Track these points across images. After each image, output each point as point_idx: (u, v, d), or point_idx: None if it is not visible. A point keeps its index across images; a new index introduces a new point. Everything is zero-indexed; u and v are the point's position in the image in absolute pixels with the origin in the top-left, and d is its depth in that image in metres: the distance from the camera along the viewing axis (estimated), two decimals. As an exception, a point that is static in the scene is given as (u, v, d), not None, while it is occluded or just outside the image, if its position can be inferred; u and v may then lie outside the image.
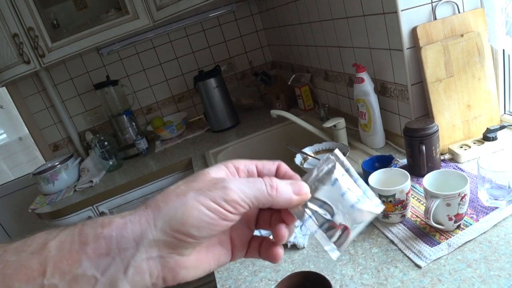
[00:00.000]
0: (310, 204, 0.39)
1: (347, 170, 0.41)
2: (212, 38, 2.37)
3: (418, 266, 0.74)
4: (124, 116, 2.12)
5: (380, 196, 0.85)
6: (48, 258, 0.29)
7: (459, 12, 1.04)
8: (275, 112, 1.45)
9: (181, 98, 2.43)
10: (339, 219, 0.39)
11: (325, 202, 0.40)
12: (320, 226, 0.39)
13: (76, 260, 0.29)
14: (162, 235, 0.31)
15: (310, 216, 0.39)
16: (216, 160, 1.66)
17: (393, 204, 0.84)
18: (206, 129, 2.20)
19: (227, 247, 0.39)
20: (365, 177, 1.03)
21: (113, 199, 1.81)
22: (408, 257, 0.77)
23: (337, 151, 0.42)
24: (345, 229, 0.39)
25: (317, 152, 1.32)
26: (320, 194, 0.40)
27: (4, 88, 2.13)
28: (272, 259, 0.39)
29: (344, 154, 1.21)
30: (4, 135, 2.87)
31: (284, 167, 0.41)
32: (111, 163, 2.01)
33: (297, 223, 0.46)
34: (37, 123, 2.27)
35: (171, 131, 2.19)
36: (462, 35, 1.02)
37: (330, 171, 0.41)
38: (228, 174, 0.37)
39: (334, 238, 0.39)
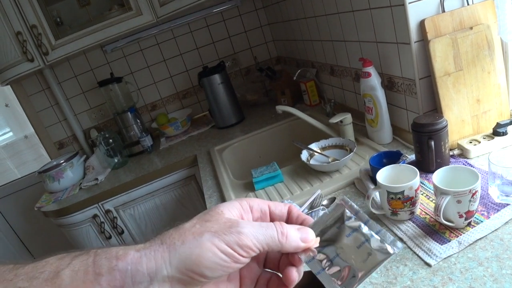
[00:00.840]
0: (315, 247, 0.40)
1: (356, 213, 0.41)
2: (216, 34, 2.35)
3: (428, 265, 0.72)
4: (129, 113, 2.12)
5: (388, 193, 0.84)
6: (62, 287, 0.30)
7: (468, 4, 1.01)
8: (280, 108, 1.43)
9: (185, 94, 2.42)
10: (344, 260, 0.39)
11: (329, 244, 0.40)
12: (324, 268, 0.39)
13: None
14: (176, 273, 0.32)
15: (314, 258, 0.40)
16: (221, 157, 1.65)
17: (402, 201, 0.83)
18: (211, 126, 2.19)
19: (236, 283, 0.40)
20: (372, 173, 1.02)
21: (118, 196, 1.81)
22: (417, 255, 0.76)
23: (344, 198, 0.43)
24: (351, 270, 0.39)
25: (323, 148, 1.31)
26: (326, 237, 0.41)
27: (9, 86, 2.13)
28: None
29: (351, 150, 1.20)
30: (10, 133, 2.88)
31: (296, 211, 0.42)
32: (116, 160, 2.01)
33: None
34: (42, 121, 2.27)
35: (176, 128, 2.18)
36: (471, 28, 1.00)
37: (338, 217, 0.41)
38: (241, 212, 0.38)
39: (340, 281, 0.39)
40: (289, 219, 0.41)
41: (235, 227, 0.34)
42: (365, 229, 0.40)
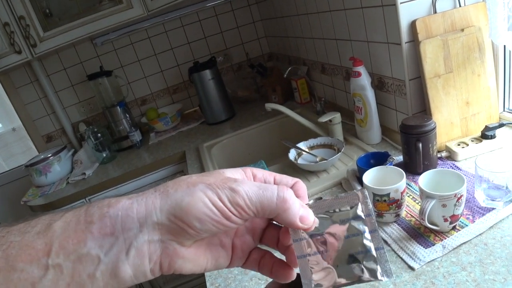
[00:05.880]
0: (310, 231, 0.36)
1: (367, 215, 0.36)
2: (208, 29, 2.33)
3: (412, 268, 0.72)
4: (118, 107, 2.09)
5: (374, 195, 0.83)
6: (53, 237, 0.30)
7: (460, 5, 1.01)
8: (269, 106, 1.42)
9: (176, 89, 2.40)
10: (330, 258, 0.35)
11: (322, 234, 0.36)
12: (307, 255, 0.35)
13: (82, 240, 0.30)
14: (166, 220, 0.31)
15: (302, 239, 0.35)
16: (210, 154, 1.64)
17: (388, 203, 0.82)
18: (201, 121, 2.17)
19: (228, 251, 0.38)
20: (359, 174, 1.01)
21: (106, 191, 1.79)
22: (401, 258, 0.75)
23: (365, 192, 0.37)
24: (329, 271, 0.35)
25: (311, 147, 1.30)
26: (323, 227, 0.36)
27: (-4, 77, 2.09)
28: (282, 278, 0.38)
29: (339, 150, 1.19)
30: (-1, 125, 2.84)
31: (303, 190, 0.37)
32: (104, 155, 1.98)
33: None
34: (30, 113, 2.24)
35: (166, 123, 2.16)
36: (462, 30, 0.99)
37: (346, 210, 0.36)
38: (244, 178, 0.37)
39: (315, 276, 0.35)
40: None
41: (231, 183, 0.33)
42: (366, 239, 0.35)
